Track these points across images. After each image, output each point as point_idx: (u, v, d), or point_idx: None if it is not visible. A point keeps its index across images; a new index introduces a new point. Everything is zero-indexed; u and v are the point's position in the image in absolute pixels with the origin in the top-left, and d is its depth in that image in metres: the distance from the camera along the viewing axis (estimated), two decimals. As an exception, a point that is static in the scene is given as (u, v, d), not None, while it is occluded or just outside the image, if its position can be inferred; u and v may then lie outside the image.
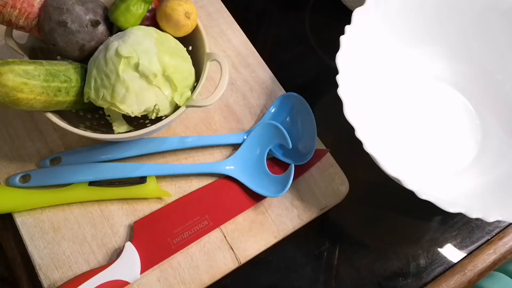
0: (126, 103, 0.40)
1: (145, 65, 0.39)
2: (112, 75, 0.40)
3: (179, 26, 0.44)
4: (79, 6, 0.42)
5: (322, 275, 0.48)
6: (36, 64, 0.39)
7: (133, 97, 0.40)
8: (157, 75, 0.40)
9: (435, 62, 0.56)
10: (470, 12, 0.52)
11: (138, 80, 0.40)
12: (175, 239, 0.45)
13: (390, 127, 0.53)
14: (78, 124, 0.44)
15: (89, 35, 0.43)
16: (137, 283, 0.44)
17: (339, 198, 0.49)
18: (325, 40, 0.60)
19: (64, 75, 0.41)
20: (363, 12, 0.47)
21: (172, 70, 0.41)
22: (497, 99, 0.54)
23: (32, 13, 0.42)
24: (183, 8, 0.44)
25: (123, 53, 0.39)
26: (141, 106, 0.40)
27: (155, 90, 0.40)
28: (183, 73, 0.42)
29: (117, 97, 0.40)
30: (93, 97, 0.41)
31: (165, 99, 0.41)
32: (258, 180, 0.48)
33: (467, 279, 0.48)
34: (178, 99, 0.42)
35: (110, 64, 0.40)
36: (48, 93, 0.39)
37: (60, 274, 0.44)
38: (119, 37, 0.42)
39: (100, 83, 0.40)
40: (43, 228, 0.45)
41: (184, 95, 0.43)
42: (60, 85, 0.40)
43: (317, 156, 0.50)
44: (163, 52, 0.41)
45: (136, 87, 0.40)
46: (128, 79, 0.39)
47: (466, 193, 0.47)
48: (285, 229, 0.47)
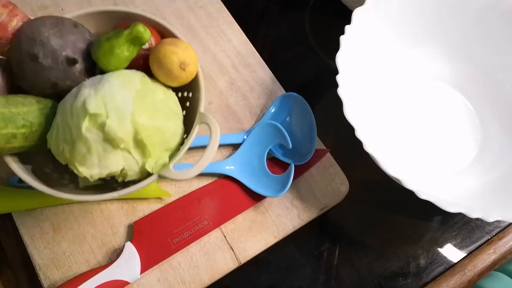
0: (86, 165, 0.35)
1: (112, 127, 0.34)
2: (75, 130, 0.34)
3: (171, 77, 0.38)
4: (56, 38, 0.36)
5: (322, 275, 0.48)
6: None
7: (95, 159, 0.35)
8: (125, 140, 0.34)
9: (435, 62, 0.56)
10: (470, 12, 0.52)
11: (103, 142, 0.34)
12: (175, 239, 0.45)
13: (390, 127, 0.53)
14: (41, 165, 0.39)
15: (63, 73, 0.37)
16: (137, 283, 0.44)
17: (339, 198, 0.49)
18: (325, 40, 0.60)
19: (23, 118, 0.35)
20: (363, 12, 0.47)
21: (148, 133, 0.35)
22: (497, 99, 0.54)
23: (5, 38, 0.36)
24: (178, 58, 0.37)
25: (90, 108, 0.33)
26: (104, 170, 0.35)
27: (123, 154, 0.35)
28: (163, 136, 0.36)
29: (76, 156, 0.35)
30: (53, 149, 0.36)
31: (135, 164, 0.36)
32: (258, 180, 0.48)
33: (467, 279, 0.48)
34: (151, 166, 0.36)
35: (74, 117, 0.34)
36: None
37: (60, 274, 0.44)
38: (94, 83, 0.36)
39: (61, 135, 0.35)
40: (43, 228, 0.45)
41: (160, 160, 0.37)
42: (15, 131, 0.34)
43: (317, 156, 0.50)
44: (140, 111, 0.35)
45: (100, 149, 0.34)
46: (92, 139, 0.34)
47: (466, 193, 0.47)
48: (285, 229, 0.47)
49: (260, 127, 0.50)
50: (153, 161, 0.36)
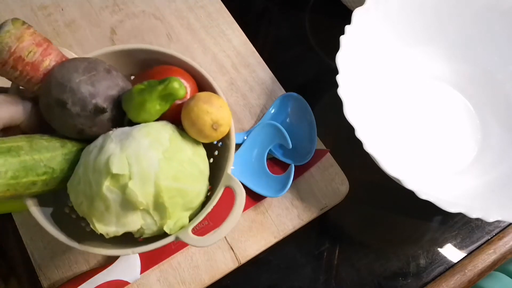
0: (103, 222, 0.33)
1: (133, 191, 0.32)
2: (95, 186, 0.33)
3: (202, 136, 0.36)
4: (86, 86, 0.34)
5: (322, 275, 0.48)
6: (9, 154, 0.31)
7: (113, 217, 0.33)
8: (145, 204, 0.33)
9: (435, 62, 0.56)
10: (470, 12, 0.52)
11: (122, 202, 0.33)
12: (175, 239, 0.45)
13: (390, 127, 0.53)
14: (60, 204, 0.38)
15: (91, 121, 0.35)
16: (137, 283, 0.44)
17: (339, 198, 0.49)
18: (325, 40, 0.60)
19: (45, 165, 0.33)
20: (363, 12, 0.47)
21: (171, 195, 0.34)
22: (497, 99, 0.54)
23: (36, 78, 0.35)
24: (211, 118, 0.35)
25: (113, 168, 0.32)
26: (120, 229, 0.34)
27: (142, 214, 0.34)
28: (186, 197, 0.35)
29: (94, 212, 0.33)
30: (72, 200, 0.35)
31: (153, 224, 0.34)
32: (258, 180, 0.48)
33: (467, 279, 0.48)
34: (169, 228, 0.35)
35: (96, 173, 0.33)
36: (16, 189, 0.32)
37: (60, 274, 0.44)
38: (120, 138, 0.34)
39: (82, 188, 0.34)
40: (43, 228, 0.45)
41: (179, 222, 0.35)
42: (36, 179, 0.33)
43: (317, 156, 0.50)
44: (166, 173, 0.33)
45: (119, 209, 0.33)
46: (111, 198, 0.32)
47: (466, 193, 0.47)
48: (285, 229, 0.47)
49: (260, 127, 0.50)
50: (172, 222, 0.35)
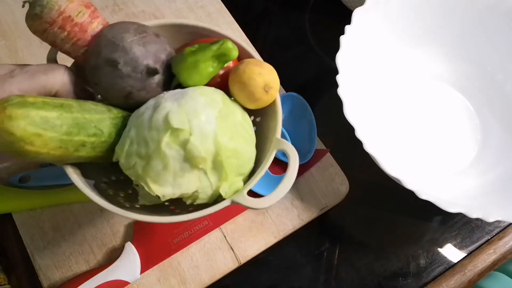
0: (159, 182, 0.32)
1: (195, 145, 0.31)
2: (152, 144, 0.32)
3: (252, 99, 0.36)
4: (138, 46, 0.33)
5: (322, 275, 0.48)
6: (62, 109, 0.30)
7: (170, 177, 0.32)
8: (207, 160, 0.32)
9: (435, 62, 0.56)
10: (470, 12, 0.52)
11: (181, 159, 0.32)
12: (175, 239, 0.45)
13: (390, 127, 0.53)
14: (100, 178, 0.37)
15: (141, 83, 0.34)
16: (137, 283, 0.44)
17: (339, 198, 0.49)
18: (325, 40, 0.60)
19: (95, 127, 0.32)
20: (363, 12, 0.47)
21: (228, 155, 0.33)
22: (497, 99, 0.54)
23: (83, 40, 0.34)
24: (263, 80, 0.35)
25: (173, 123, 0.31)
26: (177, 190, 0.33)
27: (199, 174, 0.32)
28: (240, 159, 0.34)
29: (150, 172, 0.32)
30: (123, 162, 0.33)
31: (208, 187, 0.33)
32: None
33: (467, 279, 0.48)
34: (225, 190, 0.34)
35: (153, 131, 0.32)
36: (67, 147, 0.30)
37: (60, 274, 0.44)
38: (175, 97, 0.33)
39: (135, 149, 0.32)
40: (43, 228, 0.45)
41: (234, 185, 0.34)
42: (86, 139, 0.32)
43: (317, 156, 0.50)
44: (223, 131, 0.32)
45: (177, 167, 0.32)
46: (170, 155, 0.31)
47: (466, 193, 0.47)
48: (285, 229, 0.47)
49: None
50: (227, 185, 0.34)
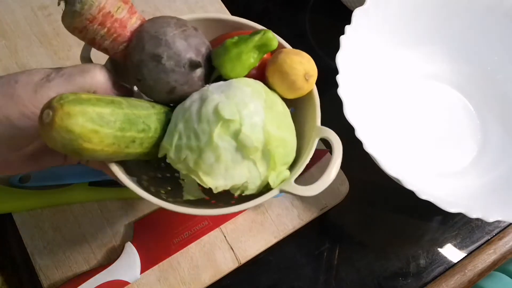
0: (212, 174, 0.32)
1: (247, 135, 0.31)
2: (204, 136, 0.31)
3: (293, 88, 0.36)
4: (180, 40, 0.33)
5: (322, 275, 0.48)
6: (114, 105, 0.30)
7: (222, 169, 0.32)
8: (259, 149, 0.32)
9: (435, 62, 0.56)
10: (471, 12, 0.52)
11: (233, 150, 0.32)
12: (175, 239, 0.45)
13: (390, 127, 0.53)
14: (141, 175, 0.37)
15: (184, 77, 0.34)
16: (137, 283, 0.44)
17: (339, 198, 0.49)
18: (325, 40, 0.60)
19: (143, 122, 0.32)
20: (363, 12, 0.47)
21: (276, 144, 0.33)
22: (497, 99, 0.54)
23: (122, 36, 0.34)
24: (304, 68, 0.35)
25: (225, 114, 0.31)
26: (229, 182, 0.33)
27: (249, 165, 0.33)
28: (286, 148, 0.34)
29: (202, 165, 0.32)
30: (172, 157, 0.33)
31: (257, 177, 0.33)
32: None
33: (467, 279, 0.48)
34: (273, 180, 0.34)
35: (204, 123, 0.32)
36: (119, 144, 0.30)
37: (60, 274, 0.44)
38: (221, 90, 0.33)
39: (185, 142, 0.32)
40: (43, 228, 0.45)
41: (281, 175, 0.34)
42: (136, 135, 0.31)
43: (317, 156, 0.50)
44: (270, 120, 0.33)
45: (229, 159, 0.32)
46: (222, 147, 0.31)
47: (466, 193, 0.47)
48: (285, 229, 0.47)
49: None
50: (275, 174, 0.34)
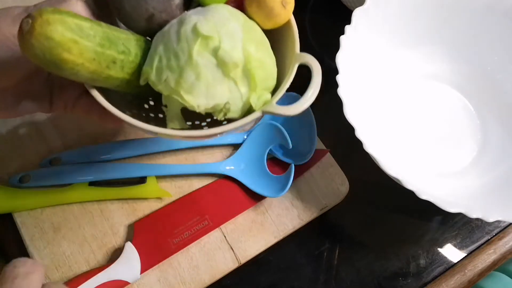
0: (193, 93, 0.32)
1: (226, 51, 0.32)
2: (183, 55, 0.32)
3: (271, 15, 0.36)
4: None
5: (322, 275, 0.48)
6: (93, 23, 0.31)
7: (203, 87, 0.32)
8: (238, 66, 0.32)
9: (435, 62, 0.56)
10: (471, 12, 0.52)
11: (213, 68, 0.32)
12: (175, 239, 0.45)
13: (390, 127, 0.53)
14: (124, 111, 0.36)
15: (162, 4, 0.35)
16: (137, 283, 0.44)
17: (339, 198, 0.49)
18: (325, 40, 0.60)
19: (123, 44, 0.33)
20: (363, 12, 0.47)
21: (256, 65, 0.33)
22: (497, 99, 0.54)
23: None
24: None
25: (203, 30, 0.31)
26: (210, 101, 0.33)
27: (230, 85, 0.33)
28: (266, 71, 0.35)
29: (183, 84, 0.32)
30: (153, 79, 0.33)
31: (239, 98, 0.34)
32: (258, 180, 0.48)
33: (467, 279, 0.48)
34: (255, 102, 0.34)
35: (183, 42, 0.32)
36: (100, 61, 0.31)
37: (60, 274, 0.44)
38: (199, 12, 0.34)
39: (165, 63, 0.33)
40: (43, 228, 0.45)
41: (262, 97, 0.35)
42: (116, 56, 0.32)
43: (317, 156, 0.50)
44: (249, 41, 0.33)
45: (209, 76, 0.32)
46: (202, 64, 0.32)
47: (466, 193, 0.47)
48: (285, 229, 0.47)
49: (261, 127, 0.50)
50: (256, 97, 0.34)
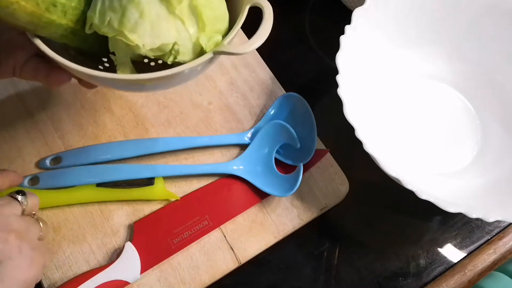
0: (138, 32, 0.31)
1: None
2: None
3: None
4: None
5: (322, 275, 0.48)
6: None
7: (147, 26, 0.31)
8: (182, 2, 0.31)
9: (435, 62, 0.56)
10: (471, 11, 0.52)
11: (157, 4, 0.31)
12: (175, 239, 0.45)
13: (390, 127, 0.53)
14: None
15: None
16: (137, 283, 0.44)
17: (339, 198, 0.49)
18: (325, 40, 0.60)
19: None
20: (363, 12, 0.47)
21: (203, 3, 0.32)
22: (497, 99, 0.54)
23: None
24: None
25: None
26: (156, 40, 0.32)
27: (176, 24, 0.32)
28: (214, 11, 0.33)
29: (126, 24, 0.31)
30: (96, 23, 0.32)
31: (188, 39, 0.33)
32: (266, 179, 0.48)
33: (467, 279, 0.48)
34: (205, 42, 0.33)
35: None
36: (38, 2, 0.30)
37: (60, 274, 0.44)
38: None
39: (108, 5, 0.32)
40: (48, 227, 0.45)
41: (213, 39, 0.34)
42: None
43: (317, 156, 0.50)
44: None
45: (153, 14, 0.31)
46: (145, 1, 0.31)
47: (466, 193, 0.47)
48: (285, 229, 0.47)
49: (269, 127, 0.49)
50: (206, 38, 0.33)
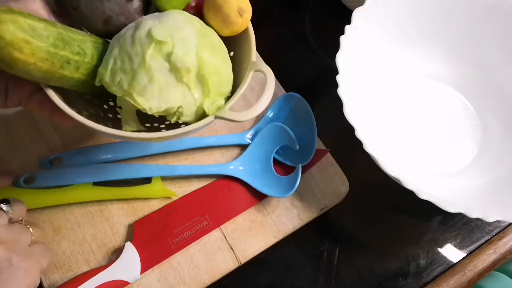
0: (146, 96, 0.33)
1: (179, 56, 0.33)
2: (137, 58, 0.33)
3: (228, 23, 0.38)
4: None
5: (322, 275, 0.48)
6: (47, 23, 0.31)
7: (156, 90, 0.33)
8: (191, 72, 0.33)
9: (435, 62, 0.56)
10: (471, 12, 0.52)
11: (166, 72, 0.33)
12: (175, 239, 0.45)
13: (390, 127, 0.53)
14: (80, 110, 0.36)
15: (119, 7, 0.35)
16: (137, 283, 0.44)
17: (339, 198, 0.49)
18: (325, 40, 0.60)
19: (78, 46, 0.33)
20: (363, 12, 0.47)
21: (210, 70, 0.34)
22: (497, 99, 0.54)
23: None
24: (237, 3, 0.37)
25: (156, 35, 0.32)
26: (163, 104, 0.33)
27: (183, 89, 0.34)
28: (220, 77, 0.36)
29: (136, 86, 0.33)
30: (107, 81, 0.34)
31: (192, 103, 0.34)
32: (265, 181, 0.48)
33: (467, 279, 0.48)
34: (208, 107, 0.35)
35: (137, 46, 0.33)
36: (53, 61, 0.32)
37: (60, 274, 0.44)
38: (156, 17, 0.35)
39: (119, 66, 0.33)
40: (43, 228, 0.45)
41: (216, 103, 0.36)
42: (71, 57, 0.33)
43: (317, 156, 0.50)
44: (203, 46, 0.34)
45: (162, 80, 0.33)
46: (155, 68, 0.33)
47: (466, 193, 0.47)
48: (285, 229, 0.47)
49: (268, 128, 0.50)
50: (210, 102, 0.35)
